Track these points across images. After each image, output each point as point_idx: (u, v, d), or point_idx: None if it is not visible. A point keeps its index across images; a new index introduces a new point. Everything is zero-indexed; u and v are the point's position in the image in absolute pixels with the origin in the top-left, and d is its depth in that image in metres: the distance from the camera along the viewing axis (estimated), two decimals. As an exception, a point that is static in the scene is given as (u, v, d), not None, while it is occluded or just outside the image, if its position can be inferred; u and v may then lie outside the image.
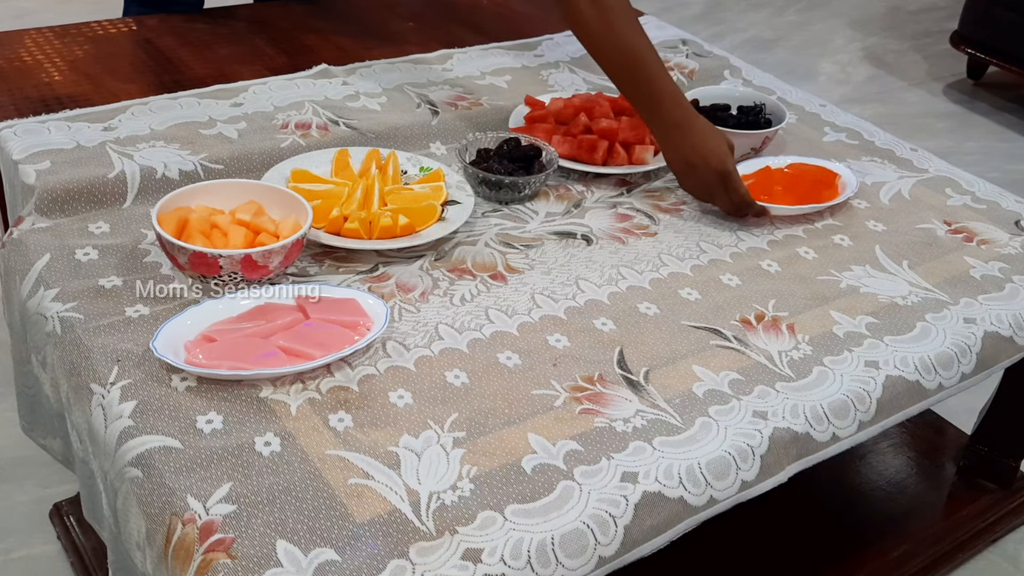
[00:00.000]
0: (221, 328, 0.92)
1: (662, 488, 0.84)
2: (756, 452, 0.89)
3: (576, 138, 1.29)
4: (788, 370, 0.98)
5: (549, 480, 0.82)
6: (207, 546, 0.73)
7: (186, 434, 0.82)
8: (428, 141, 1.31)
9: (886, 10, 3.82)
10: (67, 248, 1.03)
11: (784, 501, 1.01)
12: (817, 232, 1.23)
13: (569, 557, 0.78)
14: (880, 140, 1.47)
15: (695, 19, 3.52)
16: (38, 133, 1.19)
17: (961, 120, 2.95)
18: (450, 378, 0.92)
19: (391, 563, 0.74)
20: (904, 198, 1.32)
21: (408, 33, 1.64)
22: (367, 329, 0.94)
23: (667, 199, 1.26)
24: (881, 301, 1.10)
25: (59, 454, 1.05)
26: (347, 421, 0.86)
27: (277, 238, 1.00)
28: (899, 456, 1.47)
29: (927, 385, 1.02)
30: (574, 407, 0.90)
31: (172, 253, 0.97)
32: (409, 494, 0.79)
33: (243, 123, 1.27)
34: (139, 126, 1.23)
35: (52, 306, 0.95)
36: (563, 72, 1.53)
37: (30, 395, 1.04)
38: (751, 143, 1.34)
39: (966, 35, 3.03)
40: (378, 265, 1.07)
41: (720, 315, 1.05)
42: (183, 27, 1.50)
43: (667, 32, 1.73)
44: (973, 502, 1.42)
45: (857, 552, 1.29)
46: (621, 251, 1.14)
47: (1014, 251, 1.23)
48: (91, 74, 1.38)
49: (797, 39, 3.48)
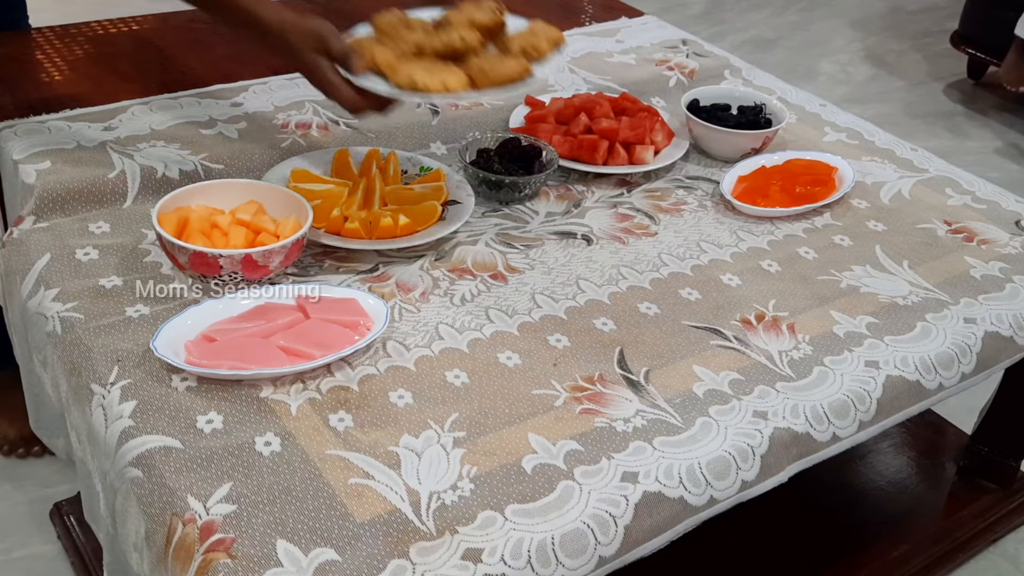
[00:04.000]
0: (221, 328, 0.92)
1: (662, 488, 0.84)
2: (756, 452, 0.89)
3: (576, 138, 1.29)
4: (788, 370, 0.98)
5: (549, 480, 0.82)
6: (207, 546, 0.73)
7: (186, 434, 0.82)
8: (428, 141, 1.31)
9: (886, 10, 3.82)
10: (67, 248, 1.03)
11: (784, 501, 1.01)
12: (817, 232, 1.23)
13: (569, 557, 0.78)
14: (880, 140, 1.47)
15: (695, 19, 3.51)
16: (38, 133, 1.18)
17: (961, 120, 2.95)
18: (450, 378, 0.92)
19: (391, 563, 0.74)
20: (904, 198, 1.32)
21: (408, 33, 1.64)
22: (367, 329, 0.94)
23: (667, 199, 1.26)
24: (881, 301, 1.10)
25: (64, 453, 1.05)
26: (347, 421, 0.86)
27: (277, 238, 1.00)
28: (899, 456, 1.47)
29: (927, 385, 1.02)
30: (574, 407, 0.90)
31: (172, 253, 0.97)
32: (409, 494, 0.79)
33: (243, 123, 1.27)
34: (139, 126, 1.23)
35: (52, 306, 0.95)
36: (563, 72, 1.53)
37: (35, 394, 1.04)
38: (751, 143, 1.34)
39: (966, 35, 3.02)
40: (378, 265, 1.07)
41: (720, 315, 1.05)
42: (183, 27, 1.49)
43: (667, 32, 1.73)
44: (973, 502, 1.42)
45: (857, 552, 1.29)
46: (621, 251, 1.14)
47: (1014, 251, 1.23)
48: (91, 74, 1.38)
49: (797, 39, 3.48)
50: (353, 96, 0.99)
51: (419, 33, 1.00)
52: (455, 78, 0.92)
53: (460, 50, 0.96)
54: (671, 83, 1.54)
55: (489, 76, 0.92)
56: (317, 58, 0.99)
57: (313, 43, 0.99)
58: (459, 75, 0.92)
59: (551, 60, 0.95)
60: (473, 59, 0.95)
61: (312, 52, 1.00)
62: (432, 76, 0.91)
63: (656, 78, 1.54)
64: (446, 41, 0.96)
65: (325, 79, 0.99)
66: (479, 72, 0.93)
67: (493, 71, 0.92)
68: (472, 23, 0.98)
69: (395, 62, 0.95)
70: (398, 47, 0.97)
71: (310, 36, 0.99)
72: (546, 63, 0.95)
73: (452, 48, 0.96)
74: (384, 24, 1.02)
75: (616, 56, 1.61)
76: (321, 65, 0.99)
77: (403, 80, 0.91)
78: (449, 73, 0.92)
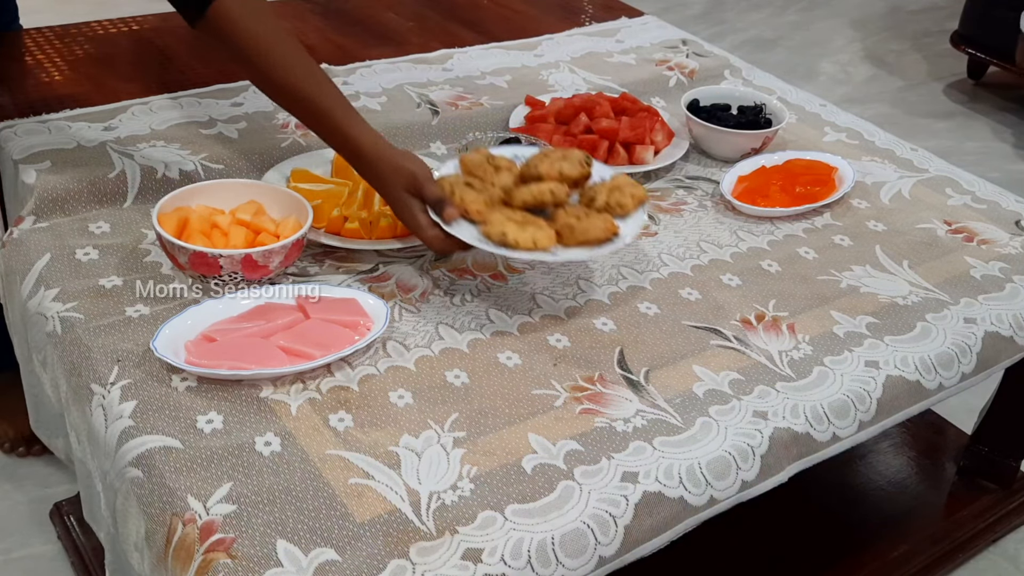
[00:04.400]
0: (221, 328, 0.92)
1: (662, 488, 0.84)
2: (756, 452, 0.89)
3: (576, 138, 1.29)
4: (788, 370, 0.98)
5: (549, 480, 0.82)
6: (207, 546, 0.73)
7: (186, 434, 0.82)
8: (428, 141, 1.31)
9: (886, 10, 3.82)
10: (67, 248, 1.03)
11: (784, 501, 1.01)
12: (817, 232, 1.23)
13: (569, 557, 0.78)
14: (880, 140, 1.47)
15: (695, 19, 3.52)
16: (38, 133, 1.19)
17: (961, 120, 2.95)
18: (450, 378, 0.92)
19: (391, 563, 0.74)
20: (904, 198, 1.32)
21: (408, 33, 1.64)
22: (367, 329, 0.94)
23: (667, 199, 1.26)
24: (881, 301, 1.10)
25: (63, 453, 1.05)
26: (347, 421, 0.86)
27: (277, 238, 1.00)
28: (899, 456, 1.47)
29: (927, 385, 1.02)
30: (574, 407, 0.90)
31: (172, 253, 0.97)
32: (409, 494, 0.79)
33: (243, 123, 1.27)
34: (139, 126, 1.23)
35: (52, 306, 0.95)
36: (563, 72, 1.53)
37: (34, 394, 1.04)
38: (751, 143, 1.34)
39: (966, 35, 3.03)
40: (378, 265, 1.07)
41: (720, 315, 1.05)
42: (183, 27, 1.49)
43: (667, 32, 1.73)
44: (973, 502, 1.42)
45: (857, 552, 1.29)
46: (621, 251, 1.14)
47: (1014, 251, 1.23)
48: (91, 74, 1.38)
49: (797, 39, 3.48)
50: (441, 239, 0.99)
51: (505, 175, 1.02)
52: (546, 236, 0.94)
53: (548, 203, 0.98)
54: (671, 83, 1.54)
55: (577, 234, 0.94)
56: (408, 198, 0.99)
57: (406, 183, 0.99)
58: (549, 233, 0.94)
59: (634, 216, 0.98)
60: (561, 213, 0.97)
61: (404, 191, 0.99)
62: (524, 233, 0.93)
63: (656, 78, 1.54)
64: (536, 195, 0.98)
65: (414, 220, 0.99)
66: (567, 229, 0.95)
67: (581, 229, 0.94)
68: (561, 175, 0.99)
69: (485, 211, 0.96)
70: (487, 191, 0.99)
71: (404, 176, 0.99)
72: (629, 219, 0.97)
73: (541, 201, 0.98)
74: (471, 164, 1.04)
75: (616, 56, 1.61)
76: (412, 206, 0.99)
77: (495, 233, 0.93)
78: (539, 230, 0.94)
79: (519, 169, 1.04)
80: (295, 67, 1.01)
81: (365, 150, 1.00)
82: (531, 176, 1.02)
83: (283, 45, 1.01)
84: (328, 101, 1.01)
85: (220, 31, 1.01)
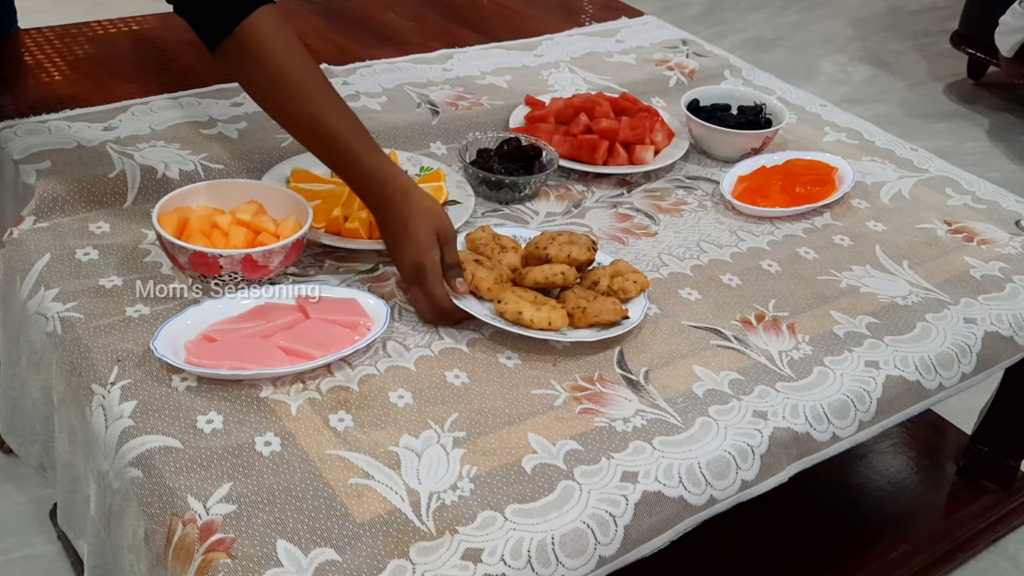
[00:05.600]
0: (221, 328, 0.92)
1: (662, 488, 0.84)
2: (756, 452, 0.89)
3: (576, 138, 1.29)
4: (788, 370, 0.98)
5: (549, 480, 0.82)
6: (207, 546, 0.73)
7: (186, 434, 0.82)
8: (428, 141, 1.31)
9: (886, 10, 3.82)
10: (67, 248, 1.03)
11: (784, 501, 1.01)
12: (817, 232, 1.23)
13: (569, 557, 0.78)
14: (880, 140, 1.47)
15: (695, 19, 3.52)
16: (38, 133, 1.19)
17: (961, 120, 2.95)
18: (450, 378, 0.92)
19: (391, 563, 0.74)
20: (904, 198, 1.32)
21: (408, 33, 1.64)
22: (367, 329, 0.94)
23: (667, 199, 1.26)
24: (881, 301, 1.10)
25: (35, 459, 1.04)
26: (347, 421, 0.86)
27: (277, 238, 1.00)
28: (899, 456, 1.47)
29: (927, 385, 1.02)
30: (574, 407, 0.90)
31: (172, 253, 0.97)
32: (409, 494, 0.79)
33: (243, 123, 1.27)
34: (139, 126, 1.23)
35: (52, 306, 0.95)
36: (563, 72, 1.53)
37: (13, 398, 1.04)
38: (751, 143, 1.34)
39: (966, 35, 3.03)
40: (378, 265, 1.07)
41: (720, 315, 1.05)
42: (183, 27, 1.49)
43: (667, 32, 1.73)
44: (973, 502, 1.42)
45: (857, 552, 1.29)
46: (621, 251, 1.14)
47: (1014, 251, 1.23)
48: (91, 74, 1.38)
49: (797, 39, 3.48)
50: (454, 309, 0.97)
51: (511, 254, 1.06)
52: (559, 316, 0.97)
53: (559, 285, 1.02)
54: (671, 83, 1.54)
55: (589, 316, 0.98)
56: (436, 243, 0.97)
57: (437, 225, 0.97)
58: (562, 314, 0.97)
59: (636, 301, 1.02)
60: (570, 295, 1.01)
61: (435, 233, 0.97)
62: (540, 313, 0.96)
63: (656, 78, 1.54)
64: (549, 276, 1.01)
65: (435, 276, 0.96)
66: (579, 311, 0.98)
67: (593, 312, 0.98)
68: (570, 259, 1.03)
69: (497, 290, 0.99)
70: (496, 270, 1.01)
71: (440, 220, 0.98)
72: (634, 302, 1.02)
73: (552, 283, 1.02)
74: (477, 242, 1.06)
75: (616, 56, 1.61)
76: (436, 257, 0.97)
77: (510, 312, 0.96)
78: (553, 310, 0.97)
79: (524, 249, 1.07)
80: (322, 102, 0.97)
81: (399, 183, 0.98)
82: (539, 257, 1.05)
83: (313, 76, 0.98)
84: (353, 138, 0.98)
85: (247, 51, 0.96)
